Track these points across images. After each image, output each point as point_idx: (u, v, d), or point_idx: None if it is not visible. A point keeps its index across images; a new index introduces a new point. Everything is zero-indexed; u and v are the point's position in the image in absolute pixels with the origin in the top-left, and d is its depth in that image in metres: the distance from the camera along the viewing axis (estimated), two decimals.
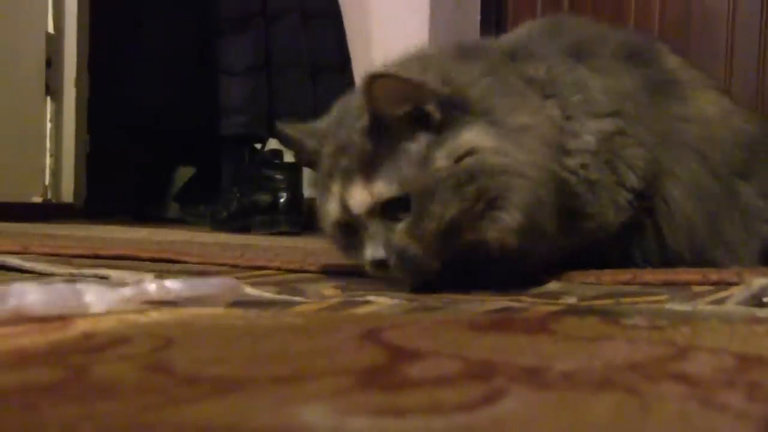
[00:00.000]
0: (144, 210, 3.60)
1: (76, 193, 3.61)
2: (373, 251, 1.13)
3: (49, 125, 3.59)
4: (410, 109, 1.13)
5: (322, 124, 1.27)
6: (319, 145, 1.22)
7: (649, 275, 1.29)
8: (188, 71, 3.36)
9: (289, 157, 3.09)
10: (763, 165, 1.55)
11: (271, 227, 2.88)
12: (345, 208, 1.16)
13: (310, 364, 0.63)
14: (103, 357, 0.65)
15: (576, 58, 1.38)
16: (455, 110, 1.16)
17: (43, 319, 0.79)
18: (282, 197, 2.92)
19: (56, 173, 3.61)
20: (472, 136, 1.15)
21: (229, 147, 3.31)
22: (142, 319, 0.84)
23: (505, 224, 1.15)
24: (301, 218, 3.00)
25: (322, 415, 0.49)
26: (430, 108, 1.13)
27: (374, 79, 1.11)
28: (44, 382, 0.57)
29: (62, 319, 0.80)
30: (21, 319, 0.79)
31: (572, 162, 1.29)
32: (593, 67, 1.39)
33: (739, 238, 1.52)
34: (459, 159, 1.13)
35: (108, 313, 0.84)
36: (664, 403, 0.54)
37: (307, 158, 1.26)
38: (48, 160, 3.60)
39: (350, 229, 1.19)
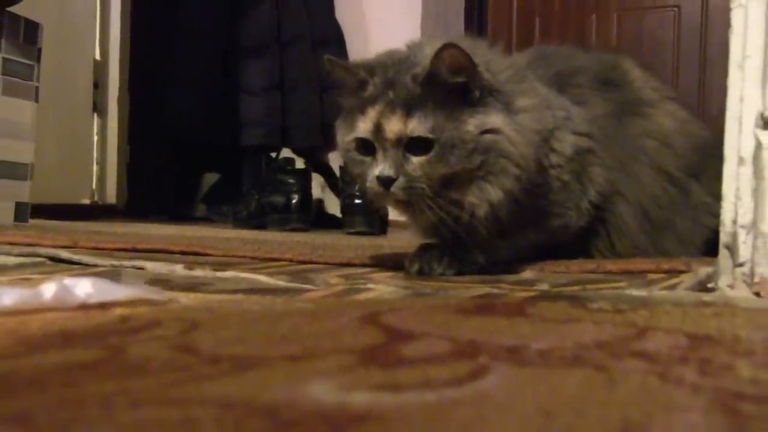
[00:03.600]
0: (176, 210, 3.60)
1: (118, 196, 3.62)
2: (383, 168, 1.17)
3: (95, 138, 3.59)
4: (461, 80, 1.18)
5: (370, 62, 1.27)
6: (368, 75, 1.22)
7: (611, 265, 1.29)
8: (214, 91, 3.37)
9: (300, 164, 3.10)
10: (714, 165, 1.51)
11: (285, 224, 2.88)
12: (378, 128, 1.18)
13: (318, 344, 0.62)
14: (138, 338, 0.64)
15: (558, 88, 1.41)
16: (489, 93, 1.21)
17: (84, 305, 0.78)
18: (294, 198, 2.93)
19: (101, 179, 3.62)
20: (498, 119, 1.20)
21: (249, 155, 3.33)
22: (173, 305, 0.82)
23: (486, 195, 1.20)
24: (311, 217, 3.00)
25: (328, 390, 0.48)
26: (474, 85, 1.19)
27: (448, 47, 1.16)
28: (85, 361, 0.56)
29: (103, 304, 0.79)
30: (67, 304, 0.77)
31: (554, 159, 1.32)
32: (573, 97, 1.42)
33: (689, 230, 1.54)
34: (483, 132, 1.19)
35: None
36: (628, 377, 0.53)
37: (351, 84, 1.25)
38: (95, 168, 3.61)
39: (368, 147, 1.21)
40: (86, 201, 3.55)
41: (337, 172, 3.11)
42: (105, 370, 0.53)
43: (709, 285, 1.01)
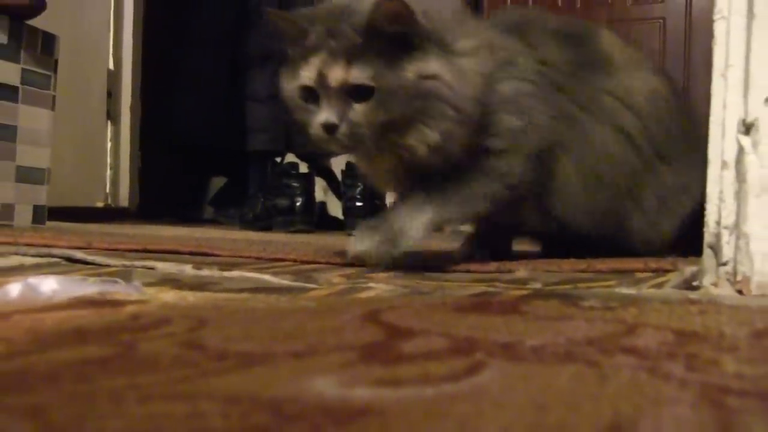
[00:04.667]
0: (185, 212, 3.60)
1: (130, 199, 3.62)
2: (327, 115, 1.17)
3: (109, 144, 3.60)
4: (400, 29, 1.17)
5: (311, 11, 1.28)
6: (309, 24, 1.21)
7: (601, 264, 1.28)
8: (221, 98, 3.37)
9: (303, 168, 3.10)
10: (684, 152, 1.49)
11: (289, 226, 2.88)
12: (322, 77, 1.18)
13: (321, 341, 0.61)
14: (148, 335, 0.64)
15: (509, 34, 1.37)
16: (427, 40, 1.19)
17: (99, 303, 0.78)
18: (298, 201, 2.93)
19: (115, 183, 3.62)
20: (436, 65, 1.19)
21: (255, 160, 3.33)
22: (182, 303, 0.82)
23: (424, 138, 1.21)
24: (314, 219, 3.00)
25: (330, 385, 0.47)
26: (412, 33, 1.18)
27: (404, 7, 1.15)
28: (97, 357, 0.55)
29: (114, 302, 0.78)
30: (80, 302, 0.77)
31: (495, 99, 1.28)
32: (527, 41, 1.37)
33: (657, 209, 1.48)
34: (421, 78, 1.18)
35: None
36: (618, 372, 0.52)
37: (293, 34, 1.24)
38: (108, 173, 3.61)
39: (311, 95, 1.20)
40: (100, 204, 3.55)
41: (339, 176, 3.12)
42: (116, 366, 0.53)
43: (694, 283, 1.01)
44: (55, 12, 2.40)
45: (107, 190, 3.62)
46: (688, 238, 1.46)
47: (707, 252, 1.01)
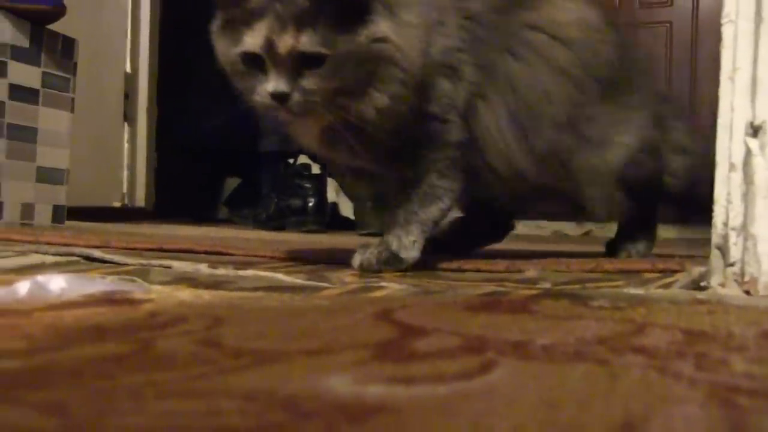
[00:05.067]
0: (200, 212, 3.61)
1: (147, 199, 3.63)
2: (276, 84, 1.10)
3: (126, 146, 3.61)
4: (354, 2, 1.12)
5: None
6: None
7: (608, 265, 1.28)
8: (235, 101, 3.37)
9: (316, 169, 3.10)
10: (626, 83, 1.45)
11: (302, 226, 2.88)
12: (270, 44, 1.10)
13: (335, 339, 0.61)
14: (165, 333, 0.63)
15: None
16: (379, 4, 1.14)
17: (116, 301, 0.78)
18: (310, 202, 2.94)
19: (131, 183, 3.64)
20: (387, 28, 1.14)
21: (268, 161, 3.33)
22: (198, 301, 0.82)
23: (374, 101, 1.16)
24: (326, 219, 3.00)
25: (345, 382, 0.47)
26: (363, 1, 1.13)
27: None
28: (117, 354, 0.55)
29: (130, 300, 0.78)
30: (99, 300, 0.77)
31: (430, 61, 1.22)
32: None
33: (602, 140, 1.42)
34: (373, 41, 1.13)
35: None
36: (628, 371, 0.52)
37: None
38: (125, 173, 3.62)
39: (256, 61, 1.12)
40: (117, 204, 3.56)
41: None
42: (135, 363, 0.53)
43: (702, 284, 1.01)
44: (74, 17, 2.40)
45: (124, 191, 3.63)
46: (641, 182, 1.46)
47: (715, 253, 1.00)
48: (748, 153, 0.98)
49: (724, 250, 0.99)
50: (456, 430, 0.39)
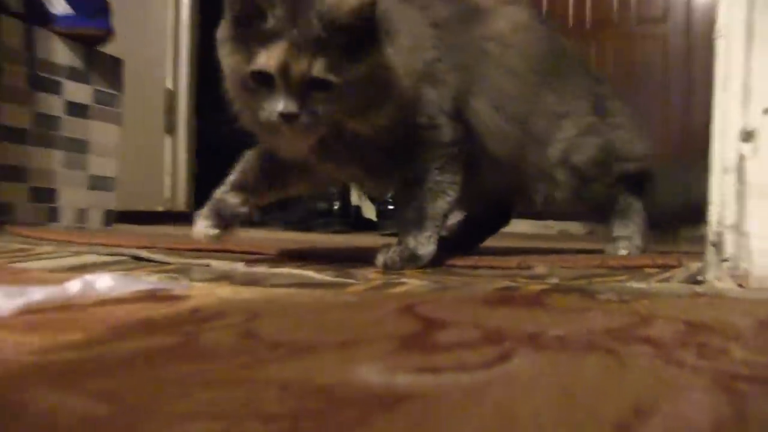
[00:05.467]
0: None
1: (187, 203, 3.64)
2: (286, 105, 1.06)
3: (168, 155, 3.62)
4: (362, 25, 1.07)
5: None
6: (267, 5, 1.06)
7: (612, 261, 1.26)
8: None
9: None
10: (563, 78, 1.44)
11: (328, 228, 2.88)
12: (284, 67, 1.05)
13: (364, 331, 0.61)
14: (208, 326, 0.63)
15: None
16: (382, 32, 1.11)
17: (162, 297, 0.77)
18: (336, 205, 2.93)
19: (173, 189, 3.65)
20: (389, 55, 1.12)
21: None
22: (236, 297, 0.82)
23: (372, 121, 1.14)
24: (350, 220, 3.00)
25: (375, 372, 0.46)
26: (373, 29, 1.09)
27: (371, 4, 1.07)
28: (164, 346, 0.55)
29: (175, 297, 0.78)
30: (146, 297, 0.77)
31: (416, 75, 1.20)
32: (418, 4, 1.27)
33: (546, 133, 1.40)
34: (378, 68, 1.11)
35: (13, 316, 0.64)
36: (637, 360, 0.51)
37: (247, 12, 1.08)
38: (167, 180, 3.63)
39: (266, 80, 1.07)
40: (160, 208, 3.57)
41: None
42: (181, 354, 0.52)
43: (699, 278, 1.00)
44: (120, 39, 2.41)
45: (166, 196, 3.64)
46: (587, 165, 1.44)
47: (710, 249, 0.99)
48: (741, 157, 0.97)
49: (719, 246, 0.98)
50: (481, 415, 0.38)
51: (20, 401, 0.40)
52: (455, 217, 1.54)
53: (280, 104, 1.06)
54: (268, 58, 1.05)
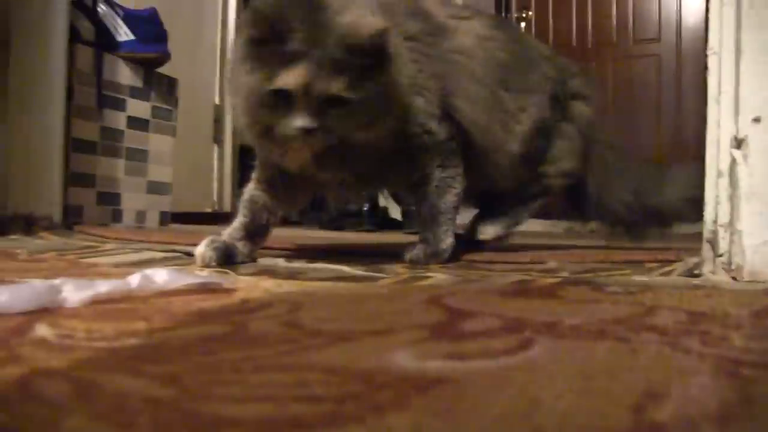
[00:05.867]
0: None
1: (232, 205, 3.65)
2: (305, 121, 1.03)
3: (216, 162, 3.64)
4: (376, 49, 1.05)
5: (281, 12, 1.06)
6: (285, 26, 1.03)
7: (616, 256, 1.24)
8: None
9: None
10: (519, 79, 1.37)
11: (358, 227, 2.87)
12: (308, 84, 1.02)
13: (396, 321, 0.60)
14: (255, 316, 0.62)
15: (382, 15, 1.18)
16: (391, 54, 1.09)
17: (213, 289, 0.77)
18: (365, 206, 2.92)
19: (220, 193, 3.67)
20: (395, 74, 1.11)
21: None
22: (279, 290, 0.81)
23: (374, 132, 1.10)
24: (378, 220, 2.99)
25: (409, 358, 0.45)
26: (385, 53, 1.07)
27: (384, 33, 1.05)
28: (217, 334, 0.54)
29: (225, 289, 0.78)
30: (199, 289, 0.76)
31: (406, 88, 1.18)
32: (392, 20, 1.18)
33: (503, 131, 1.33)
34: (386, 85, 1.09)
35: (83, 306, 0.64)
36: (646, 347, 0.50)
37: (267, 34, 1.04)
38: (215, 184, 3.65)
39: (285, 97, 1.04)
40: (209, 209, 3.59)
41: None
42: (233, 342, 0.52)
43: (696, 272, 0.98)
44: (175, 61, 2.43)
45: (214, 198, 3.66)
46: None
47: (706, 246, 0.98)
48: (733, 162, 0.95)
49: (713, 243, 0.96)
50: (508, 398, 0.37)
51: (92, 384, 0.39)
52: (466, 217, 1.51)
53: (299, 120, 1.03)
54: (290, 78, 1.02)
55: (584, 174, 1.47)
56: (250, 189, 1.27)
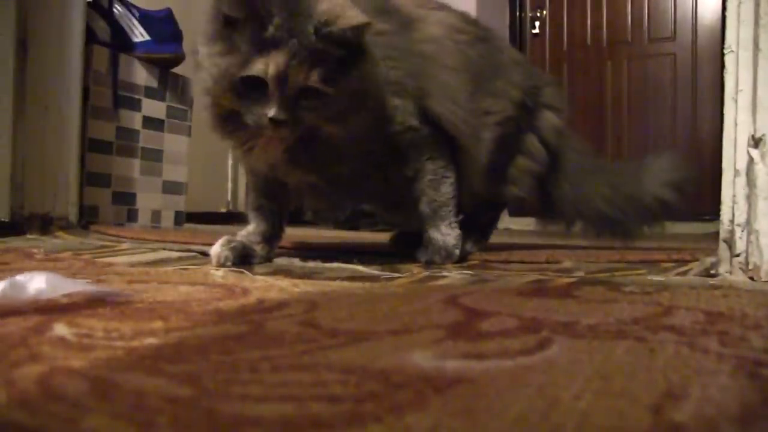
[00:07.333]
0: (289, 216, 3.62)
1: (246, 205, 3.66)
2: (278, 112, 0.98)
3: (230, 163, 3.65)
4: (354, 43, 1.01)
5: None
6: (265, 12, 0.98)
7: (631, 255, 1.23)
8: None
9: None
10: (484, 80, 1.31)
11: (373, 226, 2.87)
12: (282, 74, 0.97)
13: (413, 320, 0.59)
14: (272, 316, 0.62)
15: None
16: (367, 48, 1.06)
17: (231, 290, 0.77)
18: None
19: (234, 193, 3.68)
20: (370, 68, 1.06)
21: None
22: (295, 289, 0.81)
23: (348, 129, 1.07)
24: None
25: (426, 358, 0.45)
26: (360, 46, 1.03)
27: (367, 25, 1.01)
28: (235, 334, 0.54)
29: (243, 289, 0.78)
30: (217, 288, 0.76)
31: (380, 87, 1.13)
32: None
33: (479, 123, 1.29)
34: (362, 80, 1.04)
35: None
36: (664, 347, 0.49)
37: (244, 17, 0.99)
38: (230, 185, 3.66)
39: (258, 86, 0.99)
40: (223, 209, 3.60)
41: None
42: (251, 341, 0.52)
43: (713, 272, 0.98)
44: (190, 61, 2.43)
45: (228, 198, 3.67)
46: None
47: (722, 246, 0.97)
48: (751, 161, 0.94)
49: (730, 243, 0.96)
50: (526, 398, 0.37)
51: (111, 383, 0.39)
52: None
53: (272, 110, 0.99)
54: (265, 66, 0.97)
55: (556, 177, 1.43)
56: (254, 198, 1.27)
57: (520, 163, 1.38)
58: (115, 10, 2.18)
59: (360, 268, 1.08)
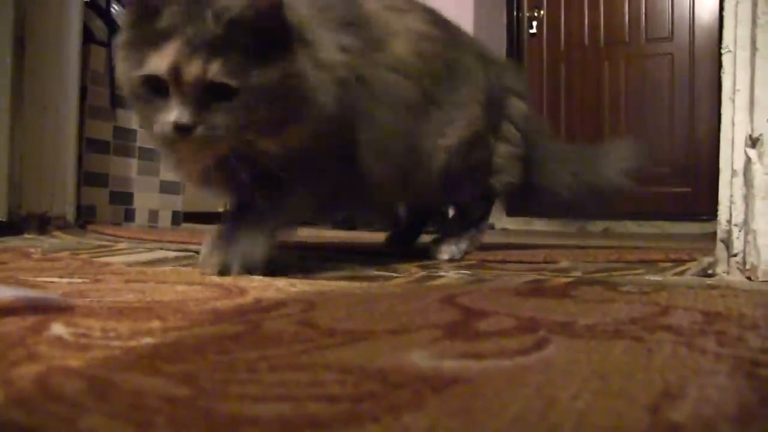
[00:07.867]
0: None
1: None
2: (179, 114, 0.85)
3: None
4: (267, 25, 0.87)
5: None
6: (162, 2, 0.86)
7: (629, 255, 1.24)
8: None
9: None
10: (447, 91, 1.22)
11: (370, 226, 2.87)
12: (176, 70, 0.84)
13: (411, 320, 0.59)
14: (270, 316, 0.62)
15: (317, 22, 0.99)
16: (294, 39, 0.90)
17: (228, 289, 0.77)
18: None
19: None
20: (302, 65, 0.90)
21: None
22: (293, 289, 0.81)
23: (284, 141, 0.93)
24: (389, 220, 2.99)
25: (424, 358, 0.45)
26: (281, 31, 0.88)
27: (281, 2, 0.87)
28: (232, 333, 0.54)
29: (241, 289, 0.78)
30: (214, 288, 0.76)
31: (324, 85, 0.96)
32: (329, 28, 0.99)
33: (432, 145, 1.20)
34: (289, 76, 0.88)
35: None
36: (661, 347, 0.50)
37: (140, 8, 0.88)
38: None
39: (160, 86, 0.86)
40: (221, 209, 3.59)
41: None
42: (248, 341, 0.52)
43: (710, 272, 0.98)
44: None
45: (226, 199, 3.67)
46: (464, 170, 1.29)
47: (720, 246, 0.97)
48: (748, 161, 0.95)
49: (728, 243, 0.96)
50: (523, 398, 0.37)
51: (108, 382, 0.39)
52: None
53: (173, 114, 0.85)
54: (159, 60, 0.85)
55: (528, 165, 1.40)
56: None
57: (503, 151, 1.35)
58: (112, 9, 2.18)
59: (358, 267, 1.08)
